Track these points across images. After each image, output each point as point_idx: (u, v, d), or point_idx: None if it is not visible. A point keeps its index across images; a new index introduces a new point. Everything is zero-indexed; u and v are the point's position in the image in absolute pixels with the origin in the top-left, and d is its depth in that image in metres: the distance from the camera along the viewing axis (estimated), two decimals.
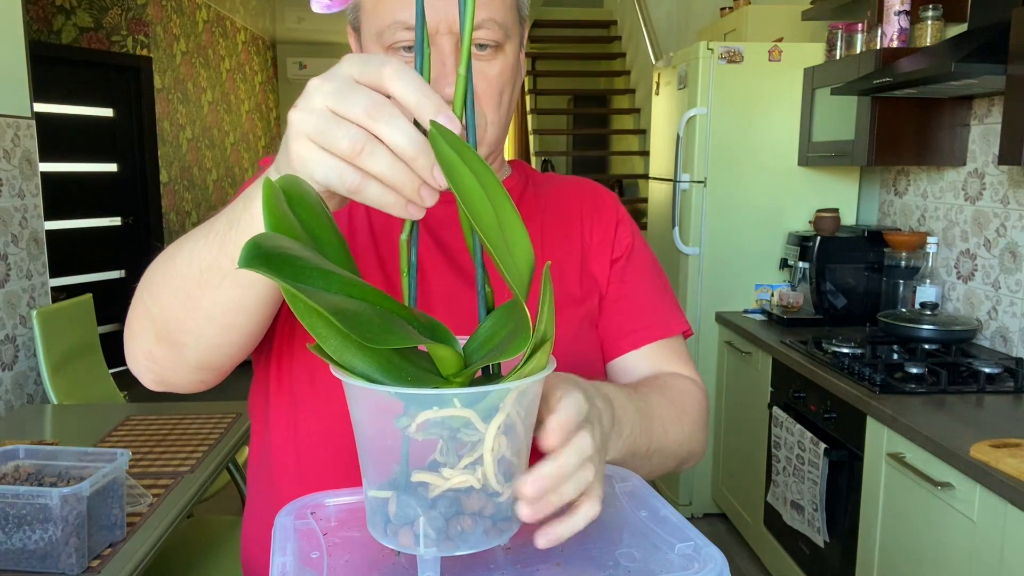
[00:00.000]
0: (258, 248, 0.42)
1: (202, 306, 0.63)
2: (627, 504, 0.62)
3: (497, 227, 0.47)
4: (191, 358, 0.68)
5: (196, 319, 0.65)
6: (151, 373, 0.72)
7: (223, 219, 0.61)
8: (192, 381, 0.73)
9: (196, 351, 0.68)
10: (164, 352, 0.69)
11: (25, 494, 1.24)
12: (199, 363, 0.69)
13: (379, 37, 0.79)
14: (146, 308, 0.68)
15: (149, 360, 0.71)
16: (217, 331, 0.65)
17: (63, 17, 4.91)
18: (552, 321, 0.49)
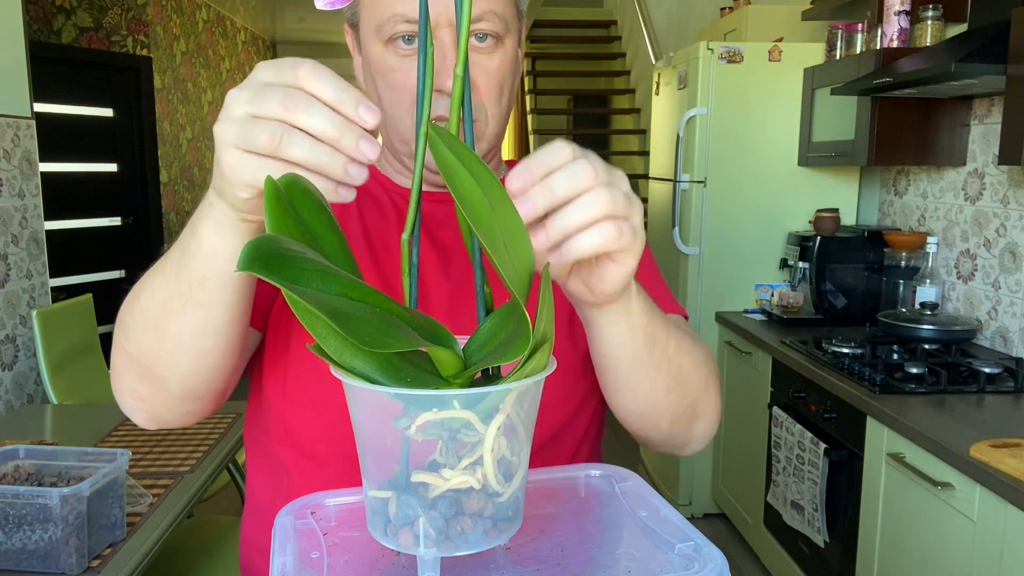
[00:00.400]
0: (256, 250, 0.42)
1: (170, 335, 0.65)
2: (627, 504, 0.62)
3: (496, 229, 0.47)
4: (173, 389, 0.69)
5: (167, 350, 0.66)
6: (141, 412, 0.73)
7: (176, 250, 0.63)
8: (181, 413, 0.73)
9: (175, 382, 0.68)
10: (147, 389, 0.70)
11: (25, 494, 1.24)
12: (182, 393, 0.70)
13: (378, 31, 0.79)
14: (123, 348, 0.69)
15: (135, 399, 0.72)
16: (190, 358, 0.66)
17: (63, 17, 4.91)
18: (552, 321, 0.49)
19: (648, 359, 0.67)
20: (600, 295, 0.60)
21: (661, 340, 0.67)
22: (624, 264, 0.56)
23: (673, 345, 0.69)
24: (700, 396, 0.75)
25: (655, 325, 0.66)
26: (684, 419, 0.76)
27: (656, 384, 0.70)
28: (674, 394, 0.72)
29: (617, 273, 0.57)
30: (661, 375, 0.69)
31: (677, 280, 3.25)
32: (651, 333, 0.66)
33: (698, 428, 0.78)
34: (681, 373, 0.71)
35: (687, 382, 0.72)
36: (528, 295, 0.48)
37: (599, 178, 0.52)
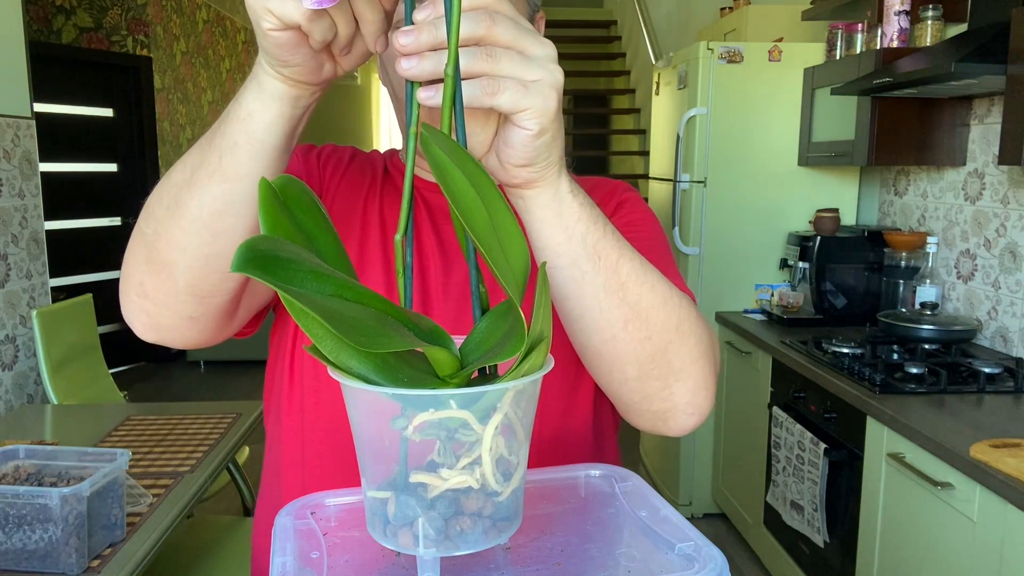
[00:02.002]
0: (251, 250, 0.42)
1: (190, 210, 0.63)
2: (627, 504, 0.62)
3: (491, 229, 0.47)
4: (180, 280, 0.67)
5: (184, 227, 0.64)
6: (143, 313, 0.70)
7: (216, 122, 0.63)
8: (183, 317, 0.70)
9: (184, 269, 0.66)
10: (154, 280, 0.68)
11: (25, 494, 1.24)
12: (187, 286, 0.67)
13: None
14: (140, 231, 0.68)
15: (140, 296, 0.69)
16: (204, 238, 0.64)
17: (63, 17, 4.91)
18: (549, 320, 0.49)
19: (593, 276, 0.62)
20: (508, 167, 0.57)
21: (609, 258, 0.62)
22: (525, 126, 0.54)
23: (627, 268, 0.63)
24: (673, 344, 0.66)
25: (599, 238, 0.62)
26: (657, 372, 0.67)
27: (607, 312, 0.64)
28: (634, 330, 0.64)
29: (519, 136, 0.55)
30: (613, 302, 0.63)
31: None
32: (592, 245, 0.61)
33: (679, 391, 0.68)
34: (641, 306, 0.64)
35: (651, 320, 0.65)
36: (523, 294, 0.48)
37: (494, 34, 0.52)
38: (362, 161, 0.94)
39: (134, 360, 5.45)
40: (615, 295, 0.63)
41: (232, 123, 0.61)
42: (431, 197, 0.88)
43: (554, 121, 0.55)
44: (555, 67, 0.54)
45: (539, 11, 0.87)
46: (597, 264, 0.62)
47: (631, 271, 0.64)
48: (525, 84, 0.52)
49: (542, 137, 0.55)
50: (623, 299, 0.64)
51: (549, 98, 0.53)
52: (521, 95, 0.52)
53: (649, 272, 0.66)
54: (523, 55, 0.53)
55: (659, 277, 0.66)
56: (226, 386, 4.93)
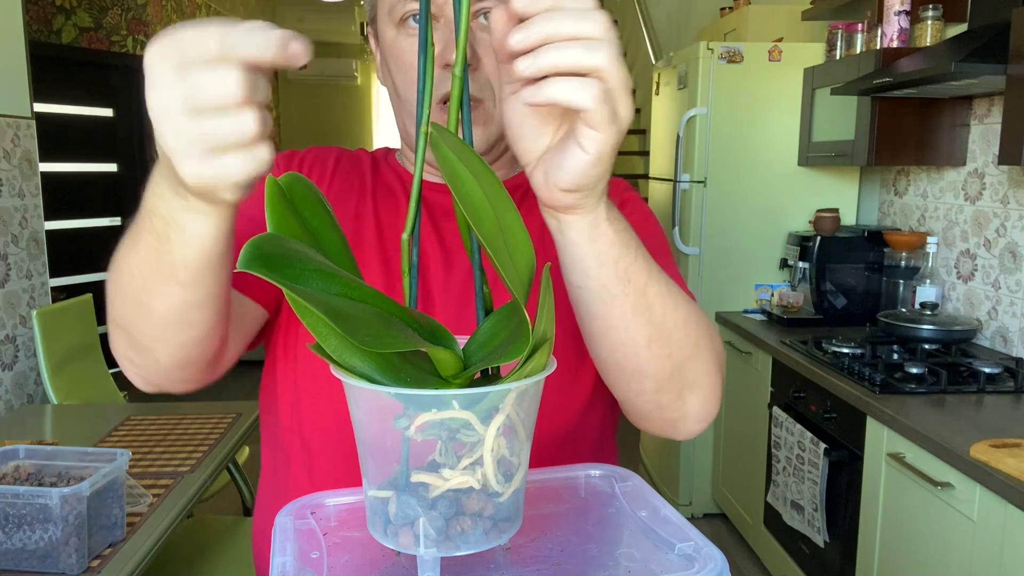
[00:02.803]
0: (257, 250, 0.42)
1: (155, 312, 0.63)
2: (627, 504, 0.62)
3: (497, 229, 0.47)
4: (163, 360, 0.68)
5: (153, 324, 0.64)
6: (137, 376, 0.72)
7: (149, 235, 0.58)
8: (176, 380, 0.72)
9: (164, 354, 0.67)
10: (139, 357, 0.69)
11: (25, 494, 1.24)
12: (171, 363, 0.69)
13: (391, 12, 0.80)
14: (113, 317, 0.68)
15: (130, 364, 0.71)
16: (176, 331, 0.65)
17: (63, 17, 4.91)
18: (552, 321, 0.49)
19: (622, 298, 0.62)
20: (554, 190, 0.56)
21: (638, 281, 0.63)
22: (587, 149, 0.52)
23: (655, 291, 0.64)
24: (690, 360, 0.69)
25: (631, 262, 0.62)
26: (673, 385, 0.69)
27: (634, 331, 0.65)
28: (657, 349, 0.66)
29: (576, 161, 0.53)
30: (640, 322, 0.64)
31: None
32: (624, 269, 0.61)
33: (691, 401, 0.71)
34: (665, 326, 0.65)
35: (672, 339, 0.66)
36: (528, 295, 0.48)
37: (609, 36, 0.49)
38: (348, 163, 0.92)
39: None
40: (641, 316, 0.64)
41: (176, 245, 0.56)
42: (430, 196, 0.88)
43: (612, 154, 0.54)
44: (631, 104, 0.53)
45: None
46: (626, 287, 0.62)
47: (658, 293, 0.64)
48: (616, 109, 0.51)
49: (597, 167, 0.53)
50: (649, 320, 0.64)
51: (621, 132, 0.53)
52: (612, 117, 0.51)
53: (673, 292, 0.67)
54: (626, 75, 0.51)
55: (681, 296, 0.68)
56: (226, 386, 4.92)
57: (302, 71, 8.38)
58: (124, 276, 0.63)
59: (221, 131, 0.45)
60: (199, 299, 0.62)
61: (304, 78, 8.32)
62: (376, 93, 8.57)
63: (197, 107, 0.44)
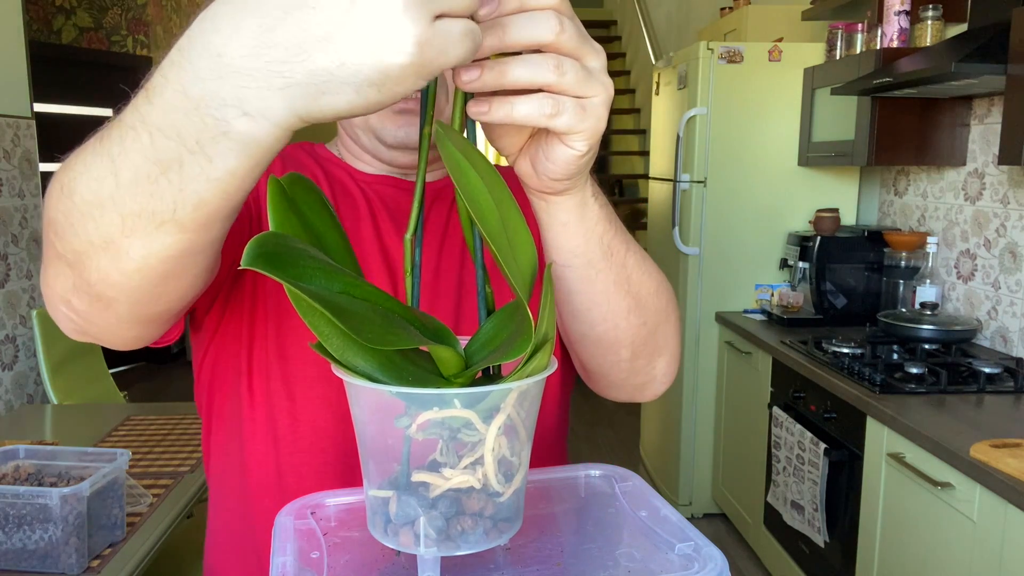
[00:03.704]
0: (261, 247, 0.42)
1: (131, 257, 0.48)
2: (627, 504, 0.62)
3: (501, 228, 0.47)
4: (123, 312, 0.54)
5: (122, 271, 0.49)
6: (71, 323, 0.57)
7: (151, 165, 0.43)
8: (124, 338, 0.59)
9: (128, 306, 0.53)
10: (86, 305, 0.53)
11: (25, 494, 1.24)
12: (132, 318, 0.55)
13: None
14: (56, 251, 0.51)
15: (68, 308, 0.55)
16: (153, 282, 0.50)
17: (63, 17, 4.91)
18: (553, 321, 0.49)
19: (606, 272, 0.62)
20: (544, 179, 0.54)
21: (619, 254, 0.62)
22: (573, 147, 0.51)
23: (632, 261, 0.64)
24: (661, 325, 0.70)
25: (613, 235, 0.61)
26: (646, 351, 0.70)
27: (615, 304, 0.65)
28: (634, 318, 0.66)
29: (565, 155, 0.52)
30: (620, 295, 0.64)
31: (677, 280, 3.25)
32: (608, 243, 0.61)
33: (660, 364, 0.73)
34: (642, 294, 0.66)
35: (648, 306, 0.67)
36: (531, 295, 0.48)
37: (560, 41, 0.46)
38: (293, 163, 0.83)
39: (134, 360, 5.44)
40: (622, 287, 0.64)
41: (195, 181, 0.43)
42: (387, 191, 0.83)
43: (598, 138, 0.52)
44: (608, 81, 0.50)
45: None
46: (610, 261, 0.62)
47: (635, 263, 0.65)
48: (583, 104, 0.49)
49: (586, 156, 0.52)
50: (628, 291, 0.65)
51: (602, 118, 0.50)
52: (580, 117, 0.49)
53: (646, 259, 0.67)
54: (584, 67, 0.48)
55: (651, 262, 0.68)
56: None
57: None
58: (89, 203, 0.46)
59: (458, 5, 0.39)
60: (199, 246, 0.49)
61: None
62: None
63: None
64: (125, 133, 0.44)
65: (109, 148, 0.45)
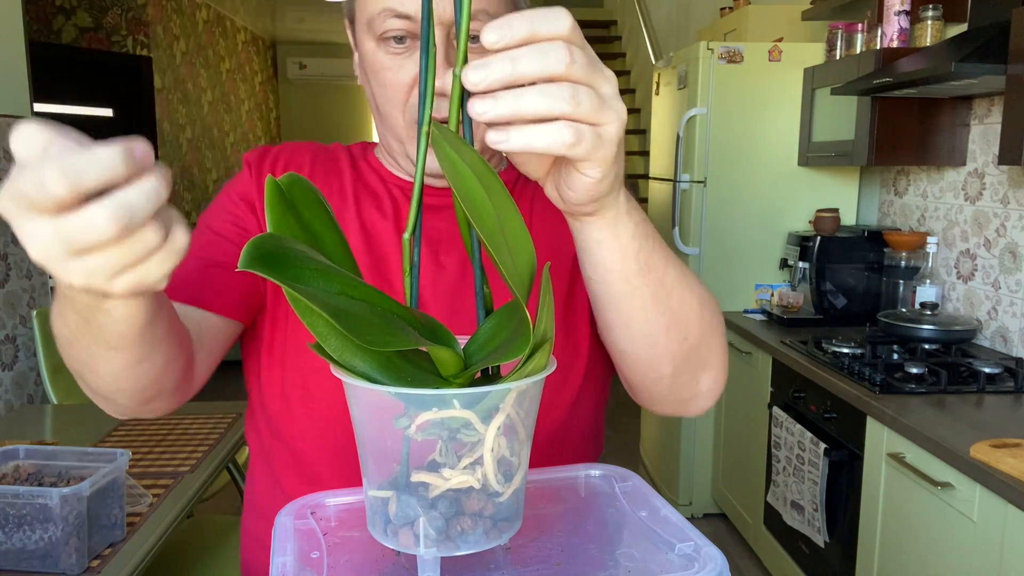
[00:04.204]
0: (258, 248, 0.42)
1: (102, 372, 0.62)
2: (627, 504, 0.62)
3: (498, 228, 0.47)
4: (123, 403, 0.68)
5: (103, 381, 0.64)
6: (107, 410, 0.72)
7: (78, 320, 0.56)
8: (146, 411, 0.72)
9: (125, 399, 0.67)
10: (102, 401, 0.69)
11: (25, 494, 1.24)
12: (136, 403, 0.69)
13: (370, 26, 0.78)
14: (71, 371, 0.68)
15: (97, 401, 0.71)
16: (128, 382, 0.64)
17: (63, 17, 4.91)
18: (552, 321, 0.49)
19: (643, 289, 0.62)
20: (570, 204, 0.55)
21: (658, 270, 0.62)
22: (588, 175, 0.51)
23: (672, 277, 0.64)
24: (704, 340, 0.69)
25: (650, 252, 0.61)
26: (689, 366, 0.70)
27: (653, 321, 0.65)
28: (674, 334, 0.66)
29: (582, 183, 0.52)
30: (659, 310, 0.64)
31: None
32: (645, 260, 0.61)
33: (705, 379, 0.72)
34: (683, 311, 0.66)
35: (689, 322, 0.67)
36: (529, 295, 0.48)
37: (572, 71, 0.46)
38: (325, 161, 0.90)
39: None
40: (661, 304, 0.64)
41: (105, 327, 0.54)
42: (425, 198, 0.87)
43: (616, 161, 0.52)
44: (620, 105, 0.50)
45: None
46: (647, 277, 0.62)
47: (675, 278, 0.64)
48: (599, 132, 0.49)
49: (604, 181, 0.52)
50: (668, 307, 0.64)
51: (614, 144, 0.50)
52: (596, 145, 0.48)
53: (687, 274, 0.66)
54: (597, 94, 0.48)
55: (693, 276, 0.68)
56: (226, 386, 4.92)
57: (302, 71, 8.38)
58: (63, 342, 0.61)
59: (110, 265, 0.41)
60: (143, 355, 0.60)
61: (304, 78, 8.32)
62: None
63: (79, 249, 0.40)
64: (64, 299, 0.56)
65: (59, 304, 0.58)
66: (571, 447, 0.86)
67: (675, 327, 0.66)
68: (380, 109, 0.82)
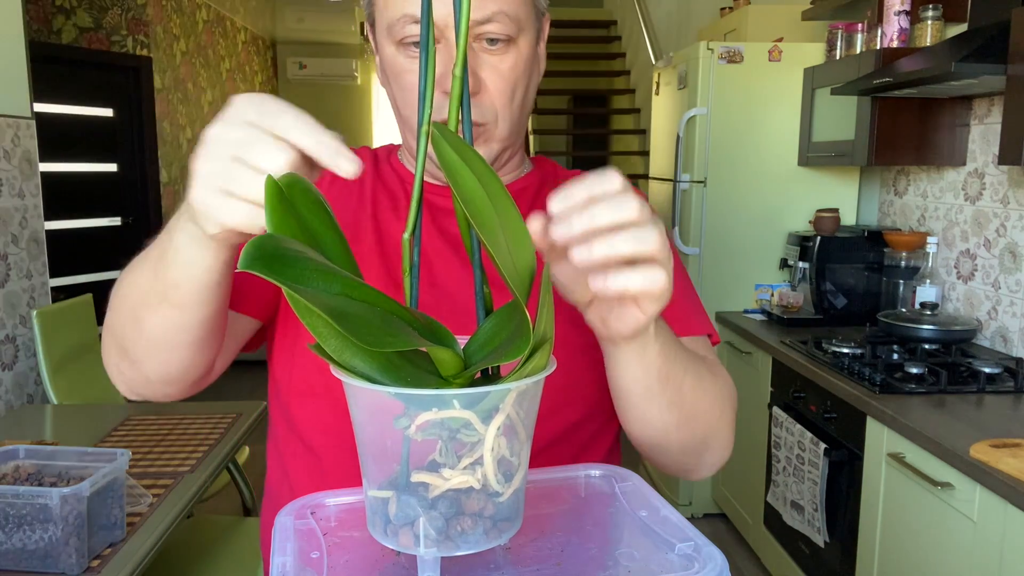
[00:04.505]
0: (258, 249, 0.42)
1: (147, 327, 0.67)
2: (627, 504, 0.62)
3: (498, 228, 0.47)
4: (149, 373, 0.72)
5: (146, 339, 0.69)
6: (122, 384, 0.76)
7: (156, 248, 0.65)
8: (159, 393, 0.76)
9: (151, 368, 0.72)
10: (127, 367, 0.73)
11: (25, 494, 1.24)
12: (158, 378, 0.73)
13: (390, 31, 0.79)
14: (110, 328, 0.73)
15: (118, 372, 0.75)
16: (164, 350, 0.69)
17: (63, 17, 4.91)
18: (551, 321, 0.49)
19: (660, 396, 0.67)
20: (615, 334, 0.60)
21: (676, 379, 0.68)
22: (646, 312, 0.56)
23: (689, 384, 0.69)
24: (712, 431, 0.75)
25: (672, 365, 0.66)
26: (694, 451, 0.76)
27: (666, 420, 0.70)
28: (684, 431, 0.72)
29: (637, 318, 0.57)
30: (672, 412, 0.69)
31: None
32: (666, 373, 0.66)
33: (708, 458, 0.79)
34: (695, 412, 0.72)
35: (699, 419, 0.73)
36: (529, 295, 0.48)
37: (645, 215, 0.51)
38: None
39: None
40: (675, 407, 0.69)
41: (171, 265, 0.62)
42: (433, 197, 0.87)
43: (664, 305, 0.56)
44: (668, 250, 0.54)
45: (545, 14, 0.85)
46: (665, 386, 0.67)
47: (692, 385, 0.70)
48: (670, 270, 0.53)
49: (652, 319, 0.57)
50: (681, 408, 0.70)
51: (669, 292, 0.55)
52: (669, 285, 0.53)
53: (703, 379, 0.72)
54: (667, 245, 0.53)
55: (708, 377, 0.74)
56: (226, 386, 4.92)
57: (302, 71, 8.38)
58: (125, 286, 0.68)
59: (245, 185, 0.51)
60: (188, 324, 0.66)
61: (304, 78, 8.32)
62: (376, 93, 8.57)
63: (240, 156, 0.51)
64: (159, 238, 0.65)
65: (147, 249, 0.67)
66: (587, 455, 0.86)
67: (686, 425, 0.72)
68: (401, 112, 0.83)
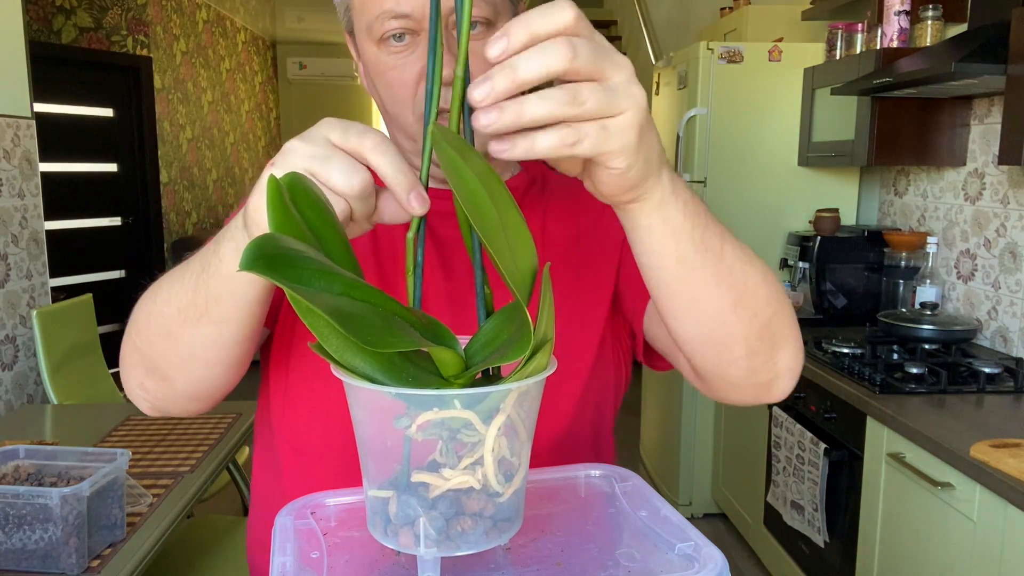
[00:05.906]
0: (260, 250, 0.42)
1: (183, 343, 0.67)
2: (627, 504, 0.62)
3: (500, 229, 0.47)
4: (180, 390, 0.72)
5: (179, 355, 0.68)
6: (146, 402, 0.76)
7: (197, 262, 0.64)
8: (185, 408, 0.76)
9: (183, 384, 0.71)
10: (155, 384, 0.73)
11: (25, 494, 1.24)
12: (187, 394, 0.73)
13: (369, 31, 0.78)
14: (135, 344, 0.72)
15: (142, 390, 0.74)
16: (200, 366, 0.69)
17: (63, 17, 4.91)
18: (552, 322, 0.49)
19: (701, 269, 0.60)
20: (606, 197, 0.54)
21: (715, 247, 0.60)
22: (612, 167, 0.50)
23: (731, 252, 0.61)
24: (775, 315, 0.66)
25: (704, 228, 0.59)
26: (763, 346, 0.67)
27: (718, 299, 0.62)
28: (743, 311, 0.63)
29: (608, 176, 0.51)
30: (722, 288, 0.61)
31: None
32: (699, 238, 0.59)
33: (783, 357, 0.70)
34: (748, 287, 0.63)
35: (757, 297, 0.64)
36: (530, 296, 0.48)
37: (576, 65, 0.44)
38: None
39: None
40: (723, 282, 0.62)
41: (214, 277, 0.62)
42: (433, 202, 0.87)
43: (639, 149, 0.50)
44: (637, 90, 0.48)
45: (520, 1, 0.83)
46: (704, 255, 0.60)
47: (734, 254, 0.62)
48: (606, 125, 0.47)
49: (631, 171, 0.51)
50: (731, 284, 0.62)
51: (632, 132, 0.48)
52: (603, 139, 0.47)
53: (746, 249, 0.64)
54: (605, 86, 0.46)
55: (751, 252, 0.65)
56: None
57: (302, 71, 8.38)
58: (160, 302, 0.67)
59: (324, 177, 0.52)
60: (227, 341, 0.66)
61: (304, 78, 8.32)
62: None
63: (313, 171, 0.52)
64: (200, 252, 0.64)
65: (185, 263, 0.66)
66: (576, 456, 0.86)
67: (742, 304, 0.63)
68: (389, 111, 0.82)
